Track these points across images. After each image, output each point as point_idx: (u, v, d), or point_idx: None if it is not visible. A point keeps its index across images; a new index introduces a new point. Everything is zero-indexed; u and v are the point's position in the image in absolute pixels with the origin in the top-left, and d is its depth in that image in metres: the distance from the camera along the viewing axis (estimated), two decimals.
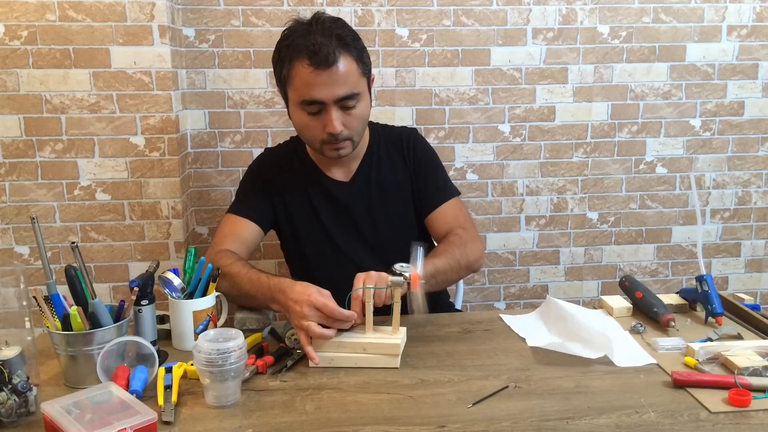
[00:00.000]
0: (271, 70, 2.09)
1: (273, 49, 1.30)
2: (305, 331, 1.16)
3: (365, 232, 1.56)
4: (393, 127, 1.67)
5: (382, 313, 1.20)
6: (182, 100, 2.04)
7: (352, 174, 1.57)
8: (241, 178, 2.12)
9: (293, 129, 1.48)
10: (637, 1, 2.17)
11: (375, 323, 1.20)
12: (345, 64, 1.35)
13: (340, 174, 1.57)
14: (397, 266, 1.23)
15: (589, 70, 2.21)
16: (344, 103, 1.37)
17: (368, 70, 1.43)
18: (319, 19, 1.37)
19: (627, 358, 1.17)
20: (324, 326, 1.16)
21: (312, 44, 1.32)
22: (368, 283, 1.20)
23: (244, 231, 1.51)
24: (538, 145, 2.24)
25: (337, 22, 1.39)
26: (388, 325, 1.20)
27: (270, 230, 1.61)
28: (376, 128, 1.63)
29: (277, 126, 2.11)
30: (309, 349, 1.16)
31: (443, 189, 1.60)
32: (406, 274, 1.20)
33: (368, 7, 2.07)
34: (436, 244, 1.61)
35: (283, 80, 1.42)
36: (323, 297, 1.17)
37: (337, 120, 1.37)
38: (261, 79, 2.08)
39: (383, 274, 1.22)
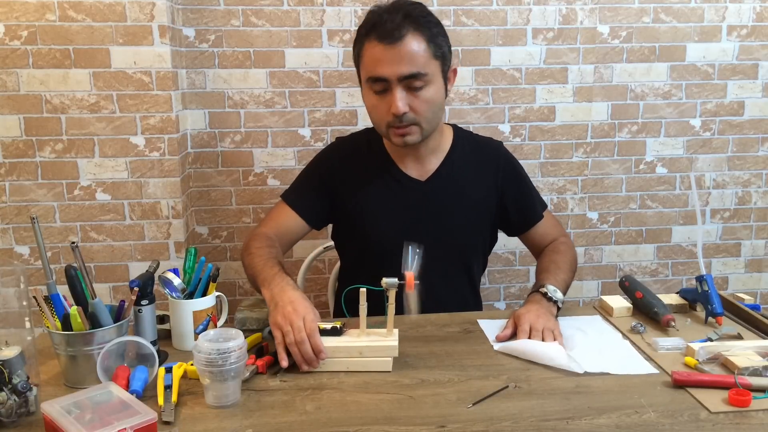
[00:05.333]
0: (271, 70, 2.12)
1: (273, 49, 1.31)
2: (291, 338, 1.13)
3: (432, 236, 1.41)
4: (478, 135, 1.64)
5: (380, 313, 1.20)
6: (182, 100, 2.04)
7: (429, 173, 1.51)
8: (241, 177, 2.15)
9: (293, 129, 1.48)
10: (637, 1, 2.17)
11: (369, 325, 1.17)
12: (413, 43, 1.33)
13: (415, 171, 1.51)
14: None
15: (589, 70, 2.21)
16: (409, 83, 1.34)
17: (442, 55, 1.38)
18: (398, 1, 1.38)
19: (624, 366, 1.15)
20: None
21: (380, 21, 1.34)
22: (535, 334, 1.23)
23: (290, 222, 1.51)
24: (538, 145, 2.24)
25: (415, 4, 1.39)
26: (382, 327, 1.18)
27: (323, 227, 1.60)
28: (460, 132, 1.59)
29: (277, 126, 2.11)
30: (281, 350, 1.14)
31: (539, 205, 1.62)
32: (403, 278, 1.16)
33: (368, 8, 2.06)
34: (534, 255, 1.64)
35: (356, 60, 1.42)
36: (315, 324, 1.15)
37: (401, 100, 1.33)
38: (261, 79, 2.08)
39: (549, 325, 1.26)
